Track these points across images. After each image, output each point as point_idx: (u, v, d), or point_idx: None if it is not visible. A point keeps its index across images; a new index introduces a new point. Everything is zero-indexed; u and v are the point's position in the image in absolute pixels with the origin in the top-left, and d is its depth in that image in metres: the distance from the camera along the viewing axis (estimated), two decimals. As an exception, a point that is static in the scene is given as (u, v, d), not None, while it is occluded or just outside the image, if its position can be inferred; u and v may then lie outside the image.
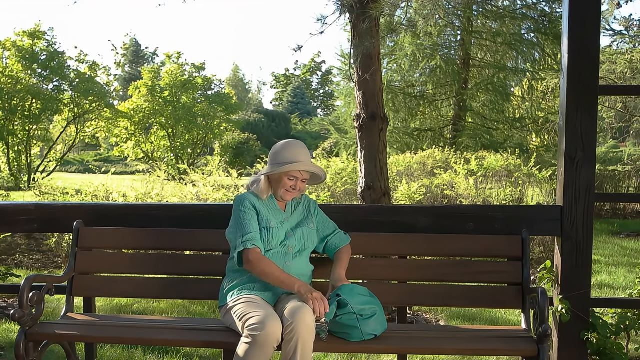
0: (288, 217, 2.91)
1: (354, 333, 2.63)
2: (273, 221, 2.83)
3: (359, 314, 2.63)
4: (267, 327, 2.42)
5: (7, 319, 4.38)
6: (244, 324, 2.51)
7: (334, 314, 2.63)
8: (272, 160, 2.86)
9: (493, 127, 16.42)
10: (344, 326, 2.64)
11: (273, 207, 2.89)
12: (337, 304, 2.64)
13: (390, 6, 4.80)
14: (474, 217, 3.19)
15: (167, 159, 23.73)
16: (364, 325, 2.63)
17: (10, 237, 7.31)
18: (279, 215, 2.88)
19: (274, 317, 2.49)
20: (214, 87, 28.44)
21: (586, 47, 2.98)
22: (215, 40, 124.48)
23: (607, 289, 5.47)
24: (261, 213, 2.83)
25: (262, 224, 2.81)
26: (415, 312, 4.67)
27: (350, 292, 2.70)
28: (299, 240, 2.87)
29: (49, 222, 3.48)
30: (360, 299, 2.68)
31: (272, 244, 2.79)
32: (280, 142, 2.96)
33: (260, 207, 2.85)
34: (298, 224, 2.91)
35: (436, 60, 14.95)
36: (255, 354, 2.42)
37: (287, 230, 2.86)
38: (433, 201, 8.40)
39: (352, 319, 2.62)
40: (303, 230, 2.89)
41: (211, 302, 4.89)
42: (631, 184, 11.34)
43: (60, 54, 21.27)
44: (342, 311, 2.63)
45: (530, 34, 15.02)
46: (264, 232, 2.79)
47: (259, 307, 2.57)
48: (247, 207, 2.81)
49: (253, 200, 2.85)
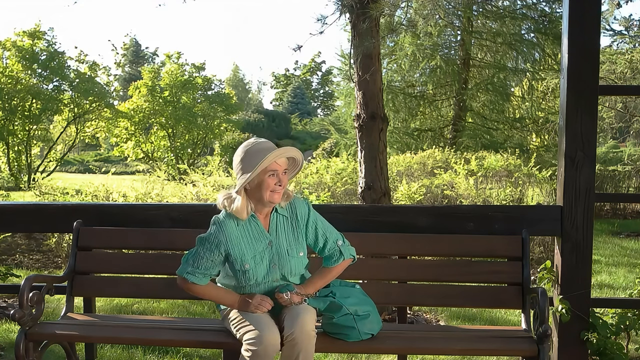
0: (272, 240, 2.59)
1: (351, 333, 2.63)
2: (248, 258, 2.53)
3: (355, 314, 2.62)
4: (264, 340, 2.39)
5: (7, 319, 4.38)
6: (242, 336, 2.47)
7: (331, 318, 2.62)
8: (243, 168, 2.51)
9: (493, 127, 16.42)
10: (341, 327, 2.63)
11: (255, 230, 2.58)
12: (331, 305, 2.62)
13: (390, 6, 4.81)
14: (474, 217, 3.19)
15: (167, 159, 23.72)
16: (360, 325, 2.63)
17: (10, 237, 7.31)
18: (260, 240, 2.57)
19: (270, 328, 2.44)
20: (214, 87, 28.42)
21: (586, 47, 2.99)
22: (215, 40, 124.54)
23: (607, 289, 5.47)
24: (234, 251, 2.53)
25: (236, 265, 2.54)
26: (415, 312, 4.67)
27: (343, 293, 2.67)
28: (287, 270, 2.60)
29: (49, 222, 3.48)
30: (353, 300, 2.66)
31: (251, 283, 2.57)
32: (239, 148, 2.59)
33: (237, 238, 2.54)
34: (286, 249, 2.59)
35: (436, 60, 14.95)
36: None
37: (270, 259, 2.57)
38: (433, 201, 8.40)
39: (349, 319, 2.61)
40: (290, 262, 2.59)
41: (211, 302, 4.88)
42: (631, 184, 11.33)
43: (60, 54, 21.28)
44: (338, 313, 2.61)
45: (530, 34, 15.02)
46: (239, 275, 2.56)
47: (254, 317, 2.51)
48: (213, 248, 2.53)
49: (229, 231, 2.53)
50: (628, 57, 11.97)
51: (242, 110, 34.08)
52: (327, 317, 2.66)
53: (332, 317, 2.62)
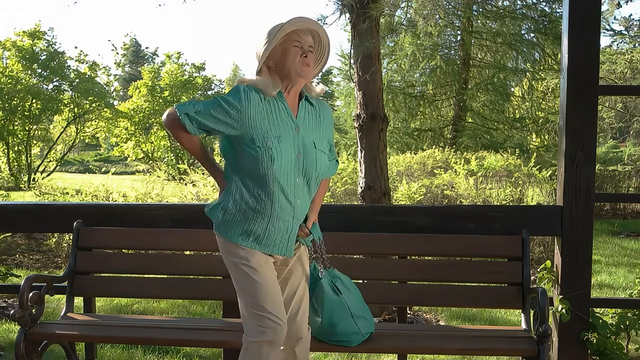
0: (299, 127, 2.29)
1: (353, 338, 2.58)
2: (272, 136, 2.21)
3: (355, 318, 2.56)
4: (283, 331, 2.28)
5: (7, 319, 4.38)
6: (254, 318, 2.26)
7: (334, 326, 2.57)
8: (266, 41, 2.23)
9: (493, 127, 16.43)
10: (345, 334, 2.56)
11: (281, 111, 2.27)
12: (333, 308, 2.54)
13: (390, 6, 4.81)
14: (474, 217, 3.19)
15: (167, 159, 23.70)
16: (361, 327, 2.58)
17: (10, 237, 7.31)
18: (287, 122, 2.26)
19: (284, 324, 2.30)
20: (214, 87, 28.37)
21: (586, 47, 2.98)
22: (215, 40, 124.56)
23: (607, 289, 5.47)
24: (256, 125, 2.20)
25: (257, 141, 2.20)
26: (415, 312, 4.67)
27: (350, 289, 2.59)
28: (312, 163, 2.30)
29: (49, 222, 3.48)
30: (352, 298, 2.58)
31: (275, 165, 2.21)
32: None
33: (261, 112, 2.22)
34: (313, 140, 2.32)
35: (436, 60, 14.96)
36: (273, 354, 2.29)
37: (296, 147, 2.26)
38: (433, 201, 8.40)
39: (351, 324, 2.55)
40: (317, 155, 2.31)
41: (211, 302, 4.89)
42: (631, 184, 11.33)
43: (60, 54, 21.27)
44: (340, 318, 2.53)
45: (530, 34, 15.04)
46: (260, 152, 2.20)
47: (268, 299, 2.25)
48: (231, 109, 2.18)
49: (255, 101, 2.20)
50: (628, 57, 11.96)
51: (242, 110, 34.01)
52: (329, 326, 2.55)
53: (334, 323, 2.53)
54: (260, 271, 2.28)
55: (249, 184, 2.27)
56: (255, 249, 2.30)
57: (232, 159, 2.33)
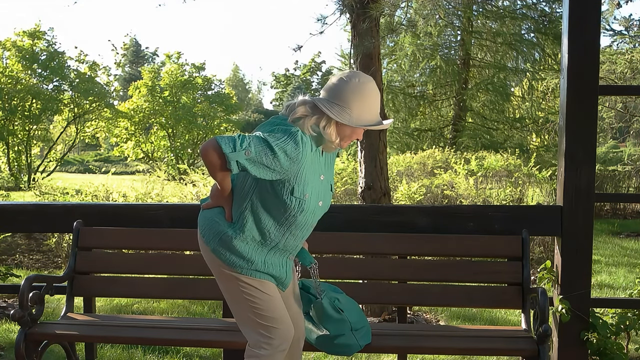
0: (324, 175, 2.30)
1: (352, 350, 2.57)
2: (309, 188, 2.20)
3: (355, 332, 2.54)
4: (289, 337, 2.32)
5: (7, 319, 4.38)
6: (264, 329, 2.30)
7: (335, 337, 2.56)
8: (356, 107, 2.16)
9: (493, 127, 16.44)
10: (344, 345, 2.55)
11: (316, 161, 2.24)
12: (337, 326, 2.53)
13: (390, 6, 4.81)
14: (474, 217, 3.19)
15: (167, 159, 23.71)
16: (359, 338, 2.57)
17: (10, 237, 7.31)
18: (318, 172, 2.25)
19: (292, 332, 2.35)
20: (214, 87, 28.37)
21: (586, 47, 2.99)
22: (215, 40, 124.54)
23: (607, 289, 5.47)
24: (301, 176, 2.16)
25: (296, 192, 2.17)
26: (415, 312, 4.67)
27: (348, 305, 2.58)
28: (326, 206, 2.33)
29: (49, 222, 3.48)
30: (353, 313, 2.58)
31: (305, 214, 2.23)
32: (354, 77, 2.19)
33: (309, 164, 2.18)
34: (330, 183, 2.35)
35: (436, 60, 14.97)
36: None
37: (318, 194, 2.26)
38: (433, 201, 8.40)
39: (351, 338, 2.54)
40: (329, 197, 2.35)
41: (211, 302, 4.89)
42: (631, 184, 11.34)
43: (60, 54, 21.28)
44: (341, 331, 2.52)
45: (530, 34, 15.05)
46: (293, 202, 2.18)
47: (276, 313, 2.31)
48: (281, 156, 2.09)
49: (306, 152, 2.14)
50: (628, 57, 11.96)
51: (242, 110, 34.09)
52: (328, 338, 2.55)
53: (334, 336, 2.54)
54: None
55: (262, 221, 2.25)
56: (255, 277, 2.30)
57: (251, 193, 2.25)
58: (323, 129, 2.17)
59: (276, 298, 2.32)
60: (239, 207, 2.27)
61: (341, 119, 2.16)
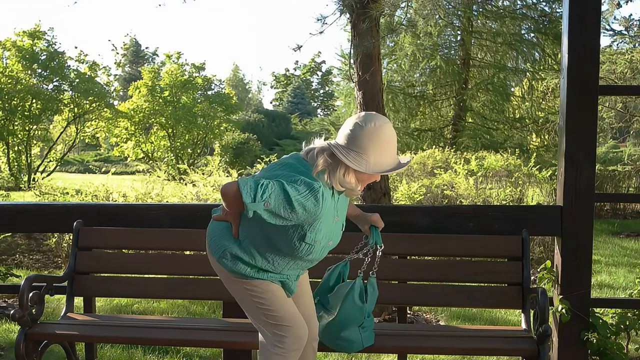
0: (338, 216, 2.31)
1: (354, 346, 2.59)
2: (322, 235, 2.23)
3: (361, 329, 2.57)
4: (304, 336, 2.36)
5: (7, 319, 4.38)
6: (276, 329, 2.33)
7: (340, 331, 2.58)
8: (373, 153, 2.17)
9: (493, 127, 16.44)
10: (348, 340, 2.57)
11: (331, 206, 2.25)
12: (352, 311, 2.55)
13: (390, 6, 4.81)
14: (474, 217, 3.19)
15: (167, 159, 23.70)
16: (364, 338, 2.59)
17: (10, 237, 7.31)
18: (332, 215, 2.26)
19: (305, 330, 2.37)
20: (214, 87, 28.42)
21: (586, 47, 2.98)
22: (215, 40, 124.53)
23: (607, 289, 5.47)
24: (317, 225, 2.19)
25: (307, 238, 2.20)
26: (415, 312, 4.67)
27: (371, 298, 2.61)
28: (335, 243, 2.36)
29: (49, 222, 3.48)
30: (370, 308, 2.61)
31: (309, 257, 2.28)
32: (371, 123, 2.18)
33: (325, 212, 2.19)
34: (342, 224, 2.39)
35: (436, 60, 14.97)
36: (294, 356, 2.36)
37: (329, 235, 2.29)
38: (433, 201, 8.39)
39: (357, 333, 2.57)
40: (339, 236, 2.38)
41: (211, 302, 4.89)
42: (631, 184, 11.34)
43: (60, 54, 21.26)
44: (352, 322, 2.55)
45: (530, 34, 15.05)
46: (302, 246, 2.21)
47: (286, 312, 2.33)
48: (299, 210, 2.10)
49: (324, 205, 2.16)
50: (628, 57, 11.95)
51: (242, 110, 34.06)
52: (335, 329, 2.57)
53: (343, 329, 2.55)
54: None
55: (267, 252, 2.28)
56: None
57: (260, 225, 2.23)
58: (342, 176, 2.20)
59: (283, 297, 2.36)
60: (245, 231, 2.31)
61: (359, 167, 2.17)
